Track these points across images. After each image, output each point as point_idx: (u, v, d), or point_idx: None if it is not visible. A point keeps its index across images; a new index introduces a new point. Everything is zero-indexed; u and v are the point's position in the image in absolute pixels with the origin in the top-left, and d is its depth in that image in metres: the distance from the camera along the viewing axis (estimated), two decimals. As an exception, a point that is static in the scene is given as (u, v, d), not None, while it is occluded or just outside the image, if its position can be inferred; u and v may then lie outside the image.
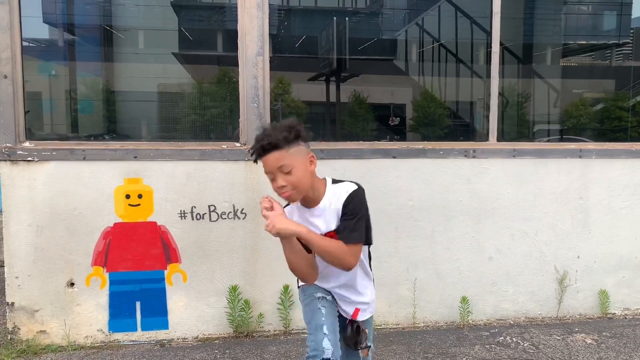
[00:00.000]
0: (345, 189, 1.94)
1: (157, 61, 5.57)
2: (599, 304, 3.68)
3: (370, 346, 2.16)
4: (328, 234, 1.93)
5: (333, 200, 1.95)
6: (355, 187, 1.95)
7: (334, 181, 2.01)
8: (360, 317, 2.09)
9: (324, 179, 2.01)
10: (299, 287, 2.15)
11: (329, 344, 1.91)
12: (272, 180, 1.87)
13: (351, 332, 2.09)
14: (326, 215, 1.95)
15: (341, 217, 1.92)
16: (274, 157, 1.84)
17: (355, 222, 1.90)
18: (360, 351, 2.13)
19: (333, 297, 2.08)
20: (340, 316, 2.11)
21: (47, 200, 3.07)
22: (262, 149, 1.84)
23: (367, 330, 2.12)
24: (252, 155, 1.90)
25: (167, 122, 5.04)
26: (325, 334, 1.94)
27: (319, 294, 2.05)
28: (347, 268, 1.93)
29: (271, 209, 1.88)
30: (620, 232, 3.67)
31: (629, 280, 3.71)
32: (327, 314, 2.01)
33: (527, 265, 3.58)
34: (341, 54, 6.49)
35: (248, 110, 3.22)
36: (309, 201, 1.95)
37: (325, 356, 1.89)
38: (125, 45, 5.57)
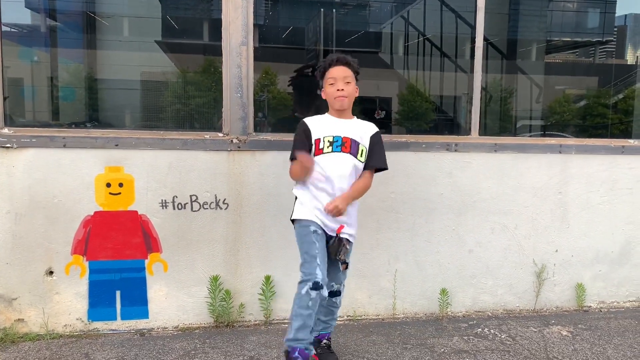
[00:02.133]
0: (372, 125, 2.73)
1: (140, 49, 5.51)
2: (576, 297, 3.74)
3: (348, 263, 2.65)
4: (345, 138, 2.59)
5: (361, 124, 2.70)
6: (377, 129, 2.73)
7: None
8: (344, 232, 2.59)
9: None
10: (293, 220, 2.65)
11: (320, 272, 2.43)
12: (332, 84, 2.58)
13: (334, 242, 2.57)
14: (355, 128, 2.65)
15: (370, 144, 2.66)
16: (343, 69, 2.59)
17: (383, 153, 2.71)
18: (340, 265, 2.62)
19: (322, 230, 2.57)
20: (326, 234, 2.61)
21: (26, 188, 3.03)
22: (338, 60, 2.59)
23: (347, 247, 2.59)
24: (322, 65, 2.62)
25: (150, 111, 4.99)
26: (318, 263, 2.45)
27: (313, 228, 2.55)
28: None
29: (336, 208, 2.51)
30: (597, 227, 3.73)
31: (605, 274, 3.78)
32: (320, 248, 2.50)
33: (507, 258, 3.63)
34: (327, 46, 6.47)
35: (231, 100, 3.21)
36: (344, 115, 2.66)
37: (316, 279, 2.41)
38: (109, 32, 5.49)
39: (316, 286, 2.41)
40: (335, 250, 2.56)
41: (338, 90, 2.58)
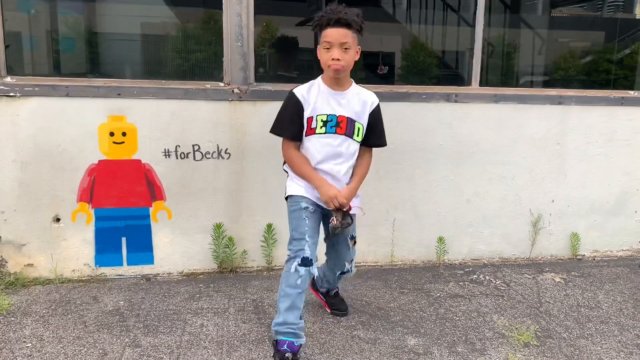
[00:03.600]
0: (373, 96, 2.41)
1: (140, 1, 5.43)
2: (570, 246, 3.83)
3: (355, 237, 2.57)
4: (341, 117, 2.31)
5: (360, 95, 2.37)
6: (378, 100, 2.42)
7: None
8: (354, 206, 2.45)
9: None
10: (286, 197, 2.44)
11: (308, 248, 2.26)
12: (328, 49, 2.20)
13: (344, 217, 2.36)
14: (352, 103, 2.34)
15: (369, 121, 2.38)
16: (342, 32, 2.16)
17: (382, 129, 2.46)
18: (349, 241, 2.53)
19: (317, 206, 2.38)
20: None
21: (30, 136, 3.08)
22: (337, 21, 2.14)
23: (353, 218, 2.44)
24: (317, 22, 2.21)
25: (150, 63, 4.97)
26: (307, 240, 2.27)
27: (304, 204, 2.34)
28: None
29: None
30: (594, 178, 3.78)
31: (600, 224, 3.86)
32: (310, 225, 2.31)
33: (503, 208, 3.70)
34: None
35: (232, 49, 3.21)
36: (340, 84, 2.32)
37: (305, 254, 2.24)
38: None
39: (305, 262, 2.23)
40: (346, 225, 2.37)
41: (333, 59, 2.19)
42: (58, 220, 3.19)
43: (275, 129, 2.38)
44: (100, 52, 5.07)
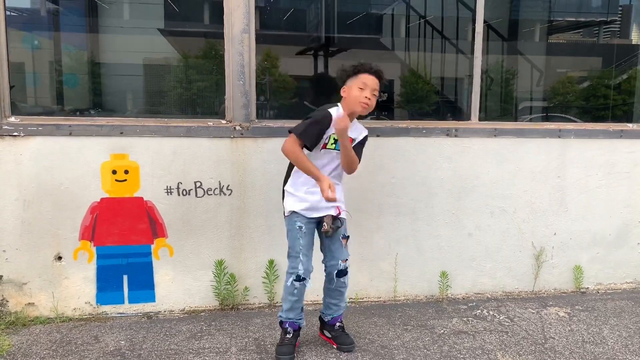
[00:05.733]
0: (364, 129, 2.87)
1: (142, 34, 5.51)
2: (573, 279, 3.82)
3: (349, 236, 2.85)
4: (350, 138, 2.72)
5: (357, 126, 2.85)
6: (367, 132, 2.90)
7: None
8: (342, 210, 2.78)
9: None
10: (285, 215, 2.79)
11: (302, 266, 2.69)
12: (361, 89, 2.68)
13: (334, 221, 2.72)
14: (356, 130, 2.83)
15: (358, 144, 2.81)
16: (376, 82, 2.72)
17: (362, 151, 2.85)
18: (341, 240, 2.80)
19: (310, 220, 2.73)
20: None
21: (33, 175, 3.09)
22: (376, 71, 2.73)
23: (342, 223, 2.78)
24: (356, 66, 2.72)
25: (153, 97, 5.02)
26: (301, 259, 2.70)
27: (298, 224, 2.72)
28: (353, 171, 2.80)
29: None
30: (595, 210, 3.78)
31: (603, 257, 3.85)
32: (303, 243, 2.72)
33: (506, 241, 3.69)
34: (329, 29, 6.47)
35: (234, 87, 3.25)
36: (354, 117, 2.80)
37: (298, 273, 2.69)
38: (110, 16, 5.49)
39: (299, 279, 2.69)
40: (335, 228, 2.73)
41: (366, 97, 2.68)
42: (60, 258, 3.19)
43: (300, 134, 2.65)
44: (103, 87, 5.12)
